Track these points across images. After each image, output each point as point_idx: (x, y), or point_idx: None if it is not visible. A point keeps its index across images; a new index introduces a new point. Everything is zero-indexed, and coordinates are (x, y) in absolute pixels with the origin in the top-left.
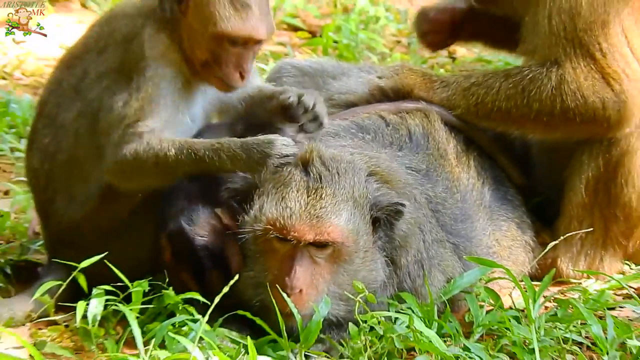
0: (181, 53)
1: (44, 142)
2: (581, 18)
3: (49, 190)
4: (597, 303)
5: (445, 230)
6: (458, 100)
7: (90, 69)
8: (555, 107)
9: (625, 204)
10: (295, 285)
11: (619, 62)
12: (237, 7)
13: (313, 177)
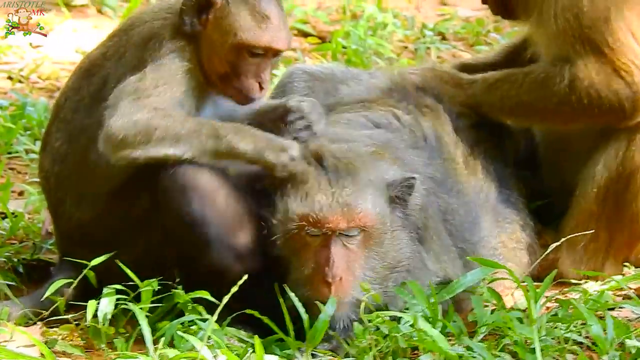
0: (198, 60)
1: (56, 145)
2: (584, 15)
3: (59, 192)
4: (597, 304)
5: (455, 236)
6: (485, 96)
7: (110, 76)
8: (572, 102)
9: (632, 217)
10: (335, 273)
11: (628, 55)
12: (257, 18)
13: (330, 170)
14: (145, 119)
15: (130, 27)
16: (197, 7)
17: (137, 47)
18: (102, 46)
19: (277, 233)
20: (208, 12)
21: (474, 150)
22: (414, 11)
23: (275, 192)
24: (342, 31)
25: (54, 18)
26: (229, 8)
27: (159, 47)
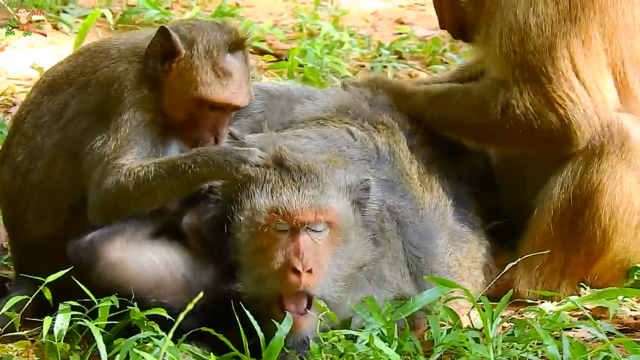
0: (159, 107)
1: (18, 159)
2: (530, 40)
3: (19, 206)
4: (553, 324)
5: (410, 242)
6: (426, 108)
7: (72, 102)
8: (504, 127)
9: (588, 240)
10: (305, 264)
11: (564, 87)
12: (219, 74)
13: (292, 170)
14: (120, 182)
15: (99, 55)
16: (161, 54)
17: (100, 87)
18: (66, 63)
19: (242, 231)
20: (172, 61)
21: (430, 168)
22: (371, 30)
23: (237, 194)
24: (298, 49)
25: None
26: (192, 60)
27: (120, 98)
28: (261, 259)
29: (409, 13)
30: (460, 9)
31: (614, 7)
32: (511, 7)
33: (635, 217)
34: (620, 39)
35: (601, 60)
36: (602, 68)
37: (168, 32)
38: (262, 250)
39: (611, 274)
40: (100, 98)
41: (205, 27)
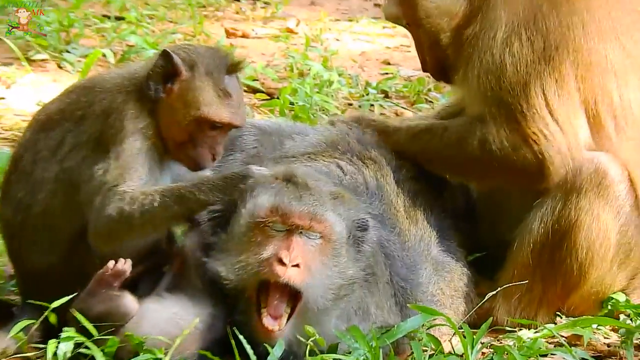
0: (157, 133)
1: (18, 196)
2: (506, 79)
3: (21, 239)
4: (531, 350)
5: (397, 274)
6: (408, 144)
7: (68, 136)
8: (483, 162)
9: (566, 272)
10: (293, 259)
11: (538, 124)
12: (220, 95)
13: (299, 186)
14: (123, 209)
15: (92, 91)
16: (163, 75)
17: (97, 119)
18: (59, 101)
19: (241, 223)
20: (173, 82)
21: (415, 202)
22: (359, 70)
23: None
24: (289, 88)
25: (16, 72)
26: (194, 81)
27: (120, 127)
28: (252, 250)
29: (395, 54)
30: (440, 51)
31: (587, 47)
32: (488, 48)
33: (610, 251)
34: (593, 79)
35: (574, 99)
36: (575, 106)
37: (170, 55)
38: (255, 243)
39: (587, 305)
40: (97, 129)
41: (204, 51)
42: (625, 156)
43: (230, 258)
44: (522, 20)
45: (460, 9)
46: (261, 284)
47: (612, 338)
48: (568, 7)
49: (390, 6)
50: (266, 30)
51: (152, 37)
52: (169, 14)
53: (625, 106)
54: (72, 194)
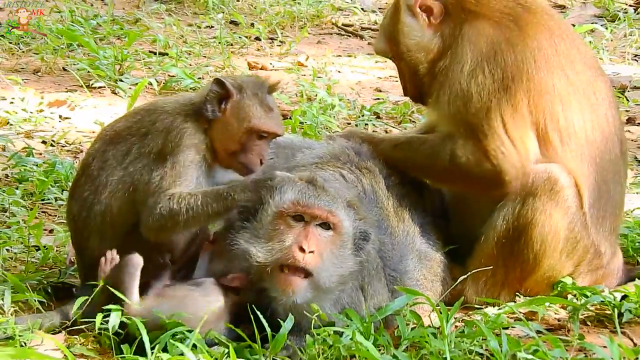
0: (210, 145)
1: (84, 195)
2: (472, 104)
3: (85, 232)
4: (495, 324)
5: (387, 266)
6: (391, 153)
7: (134, 148)
8: (452, 172)
9: (523, 260)
10: (310, 245)
11: (497, 142)
12: (265, 109)
13: (318, 187)
14: (172, 207)
15: (154, 112)
16: (218, 98)
17: (160, 134)
18: (125, 120)
19: (268, 212)
20: (227, 102)
21: (402, 203)
22: (356, 96)
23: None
24: (299, 110)
25: (78, 97)
26: (243, 100)
27: (178, 142)
28: (276, 236)
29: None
30: (418, 79)
31: (537, 78)
32: (457, 78)
33: (560, 244)
34: (542, 103)
35: (526, 121)
36: (527, 128)
37: (223, 81)
38: (279, 231)
39: (540, 287)
40: (159, 142)
41: (247, 78)
42: (570, 165)
43: (259, 241)
44: (484, 56)
45: (435, 46)
46: (283, 264)
47: (561, 314)
48: (522, 45)
49: (379, 42)
50: (281, 63)
51: (189, 69)
52: (203, 51)
53: (569, 125)
54: (131, 194)
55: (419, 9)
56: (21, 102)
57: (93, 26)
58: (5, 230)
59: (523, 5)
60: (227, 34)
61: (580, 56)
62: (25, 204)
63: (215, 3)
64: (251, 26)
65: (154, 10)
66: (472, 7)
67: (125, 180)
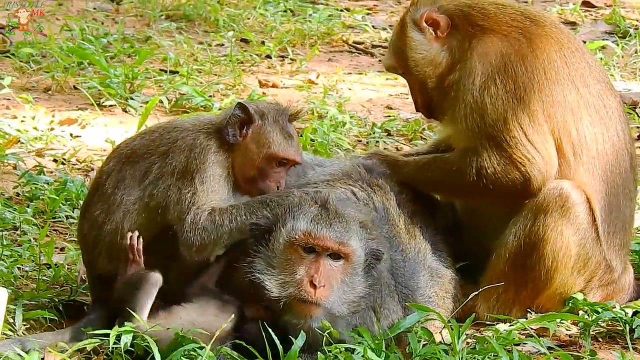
0: (231, 168)
1: (95, 214)
2: (488, 116)
3: (95, 250)
4: (506, 340)
5: (399, 283)
6: (415, 175)
7: (154, 168)
8: (479, 186)
9: (535, 278)
10: (321, 280)
11: (521, 150)
12: (285, 137)
13: (331, 211)
14: (215, 220)
15: (174, 130)
16: (240, 123)
17: (182, 152)
18: (141, 139)
19: (280, 241)
20: (248, 128)
21: (413, 220)
22: (367, 113)
23: (285, 214)
24: (310, 128)
25: (89, 115)
26: (264, 126)
27: (204, 158)
28: (288, 268)
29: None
30: (427, 93)
31: (548, 89)
32: (469, 91)
33: (571, 260)
34: (556, 114)
35: (545, 129)
36: (547, 133)
37: (245, 107)
38: (290, 262)
39: (552, 303)
40: (182, 161)
41: (269, 104)
42: (581, 179)
43: (271, 272)
44: (494, 68)
45: (443, 59)
46: (296, 298)
47: (573, 330)
48: (532, 57)
49: (388, 59)
50: (292, 81)
51: (200, 87)
52: (214, 69)
53: (580, 137)
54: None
55: (425, 23)
56: (32, 121)
57: (104, 44)
58: (17, 249)
59: (531, 19)
60: (238, 52)
61: (590, 70)
62: (37, 222)
63: (226, 21)
64: (262, 44)
65: (165, 28)
66: (479, 21)
67: (145, 202)
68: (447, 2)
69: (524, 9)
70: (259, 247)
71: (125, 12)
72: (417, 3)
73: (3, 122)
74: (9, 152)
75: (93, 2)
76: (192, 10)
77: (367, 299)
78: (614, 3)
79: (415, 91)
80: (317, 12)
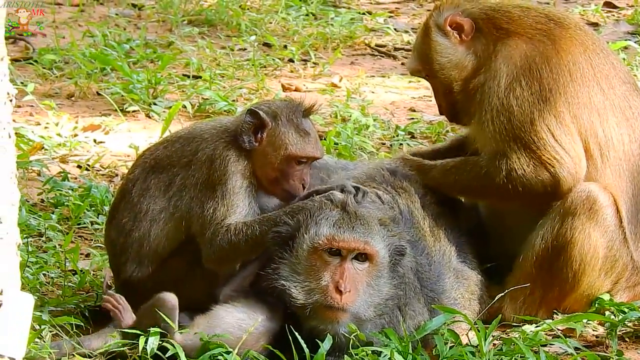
0: (252, 173)
1: (122, 221)
2: (515, 118)
3: (122, 257)
4: (533, 341)
5: (425, 286)
6: (442, 179)
7: (177, 179)
8: (509, 188)
9: (562, 280)
10: (347, 286)
11: (550, 151)
12: (301, 135)
13: (352, 213)
14: (231, 239)
15: (194, 140)
16: (253, 128)
17: (203, 164)
18: (164, 148)
19: (303, 247)
20: (262, 132)
21: (438, 222)
22: (390, 116)
23: (307, 219)
24: (334, 131)
25: (113, 121)
26: (279, 128)
27: (224, 170)
28: (313, 274)
29: (419, 103)
30: (452, 97)
31: (574, 90)
32: (495, 93)
33: (599, 263)
34: (582, 114)
35: (572, 130)
36: (574, 134)
37: (257, 112)
38: (315, 268)
39: (579, 305)
40: (204, 173)
41: (281, 103)
42: (608, 180)
43: (297, 279)
44: (519, 69)
45: (469, 62)
46: (322, 304)
47: (599, 331)
48: (557, 58)
49: (412, 62)
50: (315, 85)
51: (223, 92)
52: (237, 73)
53: (607, 138)
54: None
55: (449, 27)
56: (55, 127)
57: (126, 50)
58: (42, 255)
59: (555, 21)
60: (260, 56)
61: (615, 71)
62: (61, 228)
63: (248, 25)
64: (284, 48)
65: (187, 33)
66: (504, 24)
67: (170, 212)
68: (470, 6)
69: (548, 12)
70: (283, 254)
71: (147, 18)
72: (441, 7)
73: (27, 128)
74: (33, 158)
75: (115, 8)
76: (214, 15)
77: (394, 300)
78: (635, 3)
79: (439, 95)
80: (339, 15)
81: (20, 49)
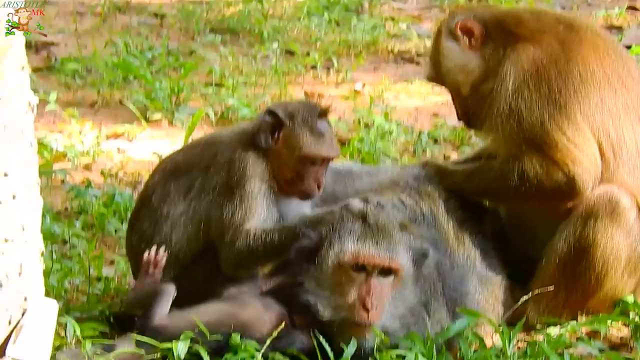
0: (270, 175)
1: (144, 227)
2: (524, 120)
3: None
4: (557, 343)
5: (449, 288)
6: (464, 183)
7: (196, 183)
8: (524, 190)
9: (585, 282)
10: (373, 303)
11: (562, 150)
12: (316, 135)
13: (373, 226)
14: (250, 245)
15: (213, 145)
16: (270, 128)
17: (222, 168)
18: (184, 153)
19: (328, 264)
20: (279, 132)
21: (462, 227)
22: (413, 121)
23: (330, 235)
24: (357, 137)
25: (136, 128)
26: (294, 128)
27: (242, 173)
28: (339, 291)
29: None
30: (463, 101)
31: (585, 91)
32: (503, 97)
33: (622, 264)
34: (594, 114)
35: (584, 129)
36: (587, 134)
37: (274, 112)
38: (340, 284)
39: (602, 306)
40: (223, 176)
41: (297, 104)
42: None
43: (322, 294)
44: (526, 73)
45: (477, 67)
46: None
47: (624, 332)
48: (565, 60)
49: (427, 69)
50: (338, 91)
51: (246, 99)
52: (260, 80)
53: (620, 139)
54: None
55: (460, 31)
56: (79, 136)
57: (148, 58)
58: (67, 262)
59: (566, 24)
60: (283, 64)
61: (628, 71)
62: (86, 235)
63: (270, 33)
64: (307, 55)
65: (209, 41)
66: (513, 29)
67: (190, 215)
68: (483, 11)
69: (558, 15)
70: (308, 267)
71: (169, 26)
72: (455, 13)
73: (50, 137)
74: (57, 167)
75: (137, 16)
76: (236, 22)
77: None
78: None
79: (454, 100)
80: (362, 22)
81: (42, 59)
